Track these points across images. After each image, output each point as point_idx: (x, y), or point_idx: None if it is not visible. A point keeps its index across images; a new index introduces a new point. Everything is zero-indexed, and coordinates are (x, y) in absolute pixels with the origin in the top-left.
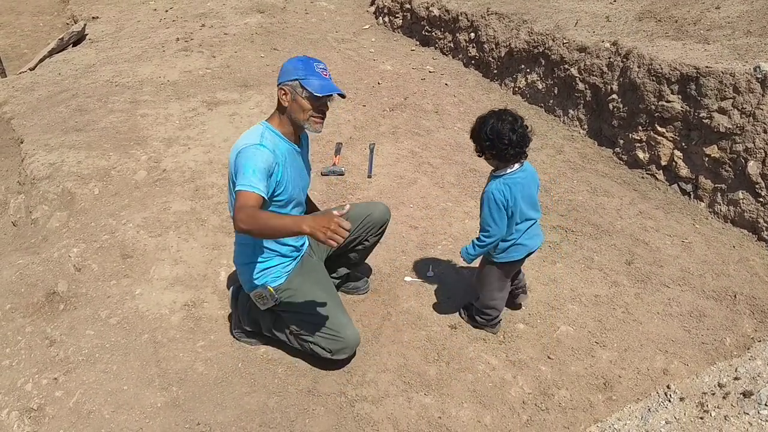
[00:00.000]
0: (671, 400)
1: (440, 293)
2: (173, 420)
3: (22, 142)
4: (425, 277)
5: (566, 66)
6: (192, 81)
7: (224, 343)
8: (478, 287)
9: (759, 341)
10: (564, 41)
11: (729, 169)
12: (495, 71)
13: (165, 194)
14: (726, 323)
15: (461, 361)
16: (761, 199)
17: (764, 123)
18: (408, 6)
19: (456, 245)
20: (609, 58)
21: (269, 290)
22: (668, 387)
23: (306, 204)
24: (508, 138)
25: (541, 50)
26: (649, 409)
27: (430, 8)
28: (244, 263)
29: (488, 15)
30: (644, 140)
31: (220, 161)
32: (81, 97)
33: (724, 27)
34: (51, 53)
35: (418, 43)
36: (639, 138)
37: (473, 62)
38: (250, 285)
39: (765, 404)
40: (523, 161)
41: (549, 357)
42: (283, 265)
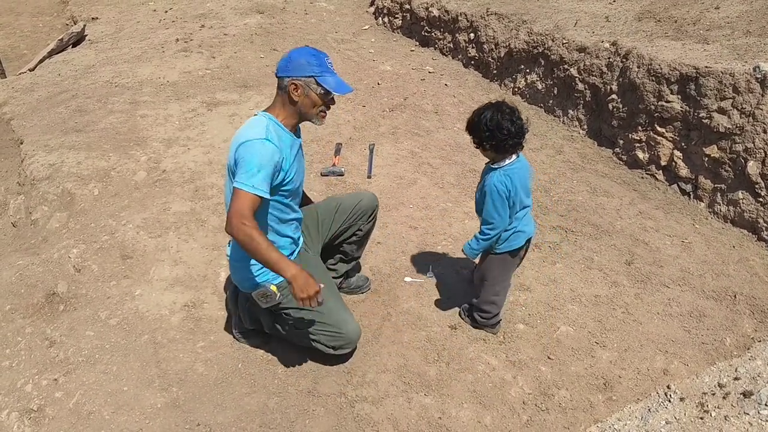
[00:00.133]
0: (671, 401)
1: (440, 294)
2: (173, 421)
3: (22, 143)
4: (425, 278)
5: (566, 66)
6: (191, 82)
7: (224, 344)
8: (480, 283)
9: (759, 341)
10: (563, 41)
11: (729, 169)
12: (494, 71)
13: (165, 195)
14: (726, 323)
15: (461, 362)
16: (761, 199)
17: (764, 123)
18: (407, 6)
19: (456, 245)
20: (608, 59)
21: (272, 288)
22: (668, 387)
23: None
24: (507, 129)
25: (541, 50)
26: (649, 410)
27: (430, 9)
28: (242, 259)
29: (488, 15)
30: (644, 140)
31: (220, 162)
32: (81, 98)
33: (724, 27)
34: (50, 54)
35: (418, 44)
36: (639, 138)
37: (473, 63)
38: (250, 283)
39: (765, 404)
40: (519, 152)
41: (549, 357)
42: None
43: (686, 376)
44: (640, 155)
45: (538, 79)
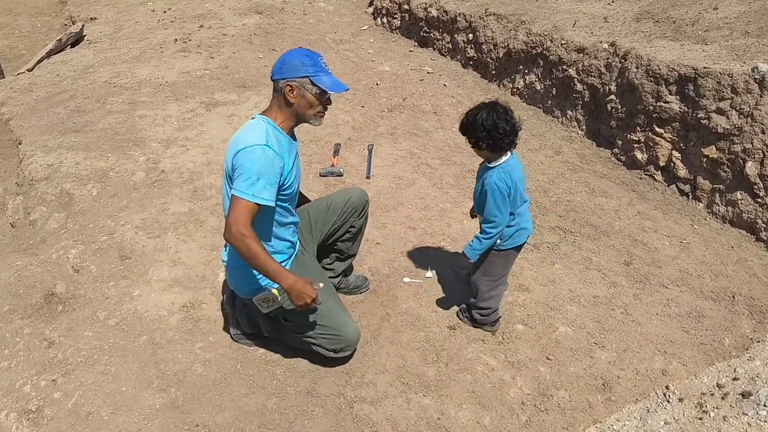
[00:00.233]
0: (670, 401)
1: (439, 294)
2: (172, 421)
3: (21, 144)
4: (424, 278)
5: (564, 67)
6: (190, 82)
7: (223, 345)
8: (479, 279)
9: (757, 342)
10: (562, 42)
11: (727, 170)
12: (493, 72)
13: (163, 195)
14: (725, 324)
15: (460, 362)
16: (759, 200)
17: (762, 124)
18: (406, 7)
19: (455, 246)
20: (607, 59)
21: (274, 292)
22: (667, 388)
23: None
24: (503, 128)
25: (540, 51)
26: (648, 410)
27: (429, 9)
28: (239, 266)
29: (486, 16)
30: (642, 141)
31: (219, 162)
32: (79, 98)
33: (722, 28)
34: (49, 54)
35: (417, 44)
36: (637, 139)
37: (471, 63)
38: (248, 289)
39: (764, 405)
40: (513, 149)
41: (548, 358)
42: (281, 264)
43: (685, 377)
44: (639, 156)
45: (537, 80)
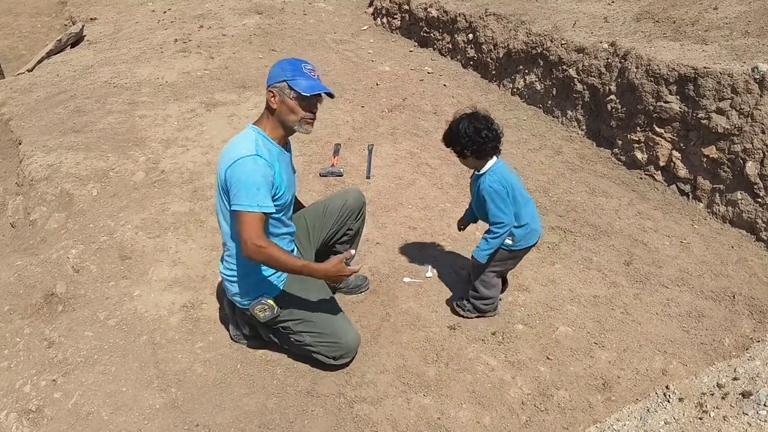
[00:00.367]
0: (670, 401)
1: (439, 294)
2: (172, 421)
3: (21, 144)
4: (424, 278)
5: (564, 67)
6: (190, 82)
7: (223, 345)
8: (485, 274)
9: (758, 341)
10: (562, 42)
11: (727, 170)
12: (493, 72)
13: (163, 195)
14: (725, 323)
15: (460, 362)
16: (759, 200)
17: (762, 123)
18: (406, 7)
19: (455, 246)
20: (607, 59)
21: (269, 302)
22: (667, 387)
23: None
24: (485, 133)
25: (540, 51)
26: (648, 410)
27: (429, 9)
28: (240, 276)
29: (486, 16)
30: (642, 141)
31: None
32: (79, 99)
33: (722, 28)
34: (49, 54)
35: (417, 44)
36: (637, 139)
37: (472, 63)
38: (248, 299)
39: (764, 404)
40: (498, 155)
41: (548, 358)
42: (278, 273)
43: (685, 377)
44: (639, 156)
45: (537, 80)
